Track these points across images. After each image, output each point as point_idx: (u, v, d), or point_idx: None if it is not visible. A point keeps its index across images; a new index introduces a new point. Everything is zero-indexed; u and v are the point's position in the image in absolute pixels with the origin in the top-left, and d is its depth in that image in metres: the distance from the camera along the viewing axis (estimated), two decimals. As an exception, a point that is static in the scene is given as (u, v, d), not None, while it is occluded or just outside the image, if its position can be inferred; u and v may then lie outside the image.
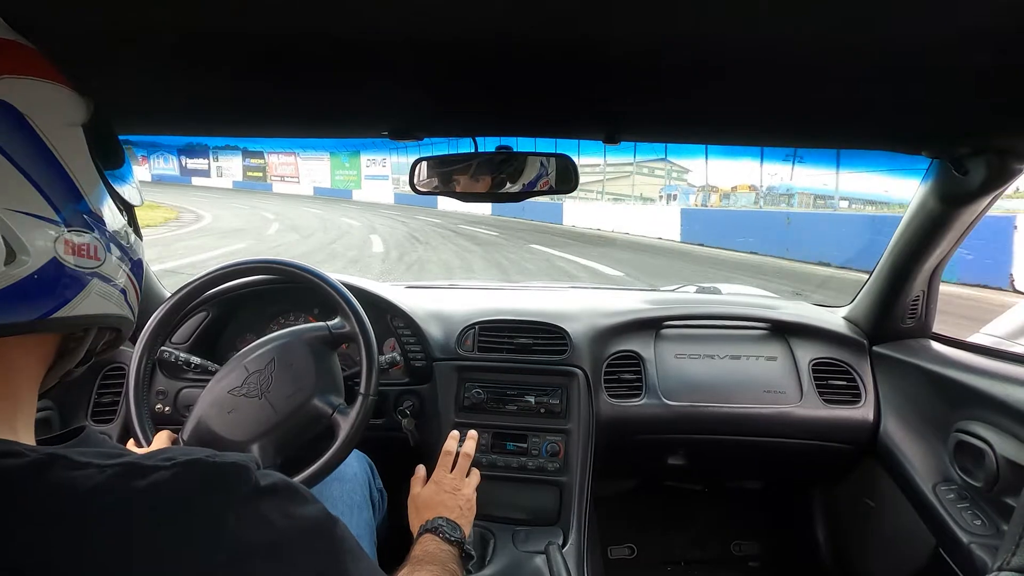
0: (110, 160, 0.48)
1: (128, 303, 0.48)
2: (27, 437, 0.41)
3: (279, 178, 33.96)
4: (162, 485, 0.37)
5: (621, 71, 0.65)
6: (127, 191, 0.50)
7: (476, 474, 1.00)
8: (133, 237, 0.50)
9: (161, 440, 0.93)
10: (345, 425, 0.94)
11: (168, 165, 35.65)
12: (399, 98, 0.82)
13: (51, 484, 0.35)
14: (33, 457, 0.36)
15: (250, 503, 0.40)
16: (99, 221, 0.44)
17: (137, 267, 0.50)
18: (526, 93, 0.76)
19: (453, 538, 0.84)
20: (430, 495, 0.93)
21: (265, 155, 34.70)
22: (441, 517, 0.87)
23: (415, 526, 0.89)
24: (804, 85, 0.68)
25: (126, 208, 0.50)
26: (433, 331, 1.37)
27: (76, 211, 0.42)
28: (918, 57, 0.55)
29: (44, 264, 0.39)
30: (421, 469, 0.99)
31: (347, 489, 1.07)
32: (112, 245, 0.45)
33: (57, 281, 0.40)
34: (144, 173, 36.50)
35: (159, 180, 34.56)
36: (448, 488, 0.94)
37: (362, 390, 0.97)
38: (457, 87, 0.75)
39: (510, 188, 1.03)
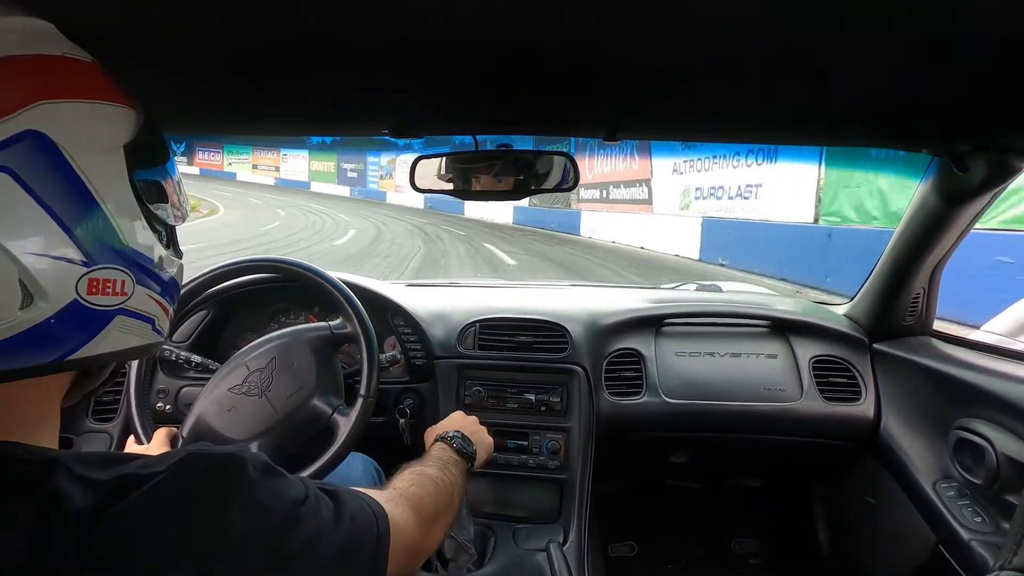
0: (156, 162, 0.46)
1: (157, 328, 0.46)
2: (51, 443, 0.42)
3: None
4: (160, 489, 0.37)
5: (622, 70, 0.65)
6: (166, 210, 0.47)
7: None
8: (168, 259, 0.47)
9: (160, 437, 0.93)
10: (344, 426, 0.94)
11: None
12: (399, 97, 0.82)
13: (48, 494, 0.35)
14: (34, 464, 0.36)
15: (249, 494, 0.41)
16: (131, 252, 0.42)
17: (170, 288, 0.48)
18: (526, 91, 0.76)
19: (465, 450, 0.84)
20: (452, 419, 0.95)
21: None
22: (457, 431, 0.88)
23: (429, 441, 0.88)
24: (805, 83, 0.68)
25: (164, 226, 0.48)
26: (434, 329, 1.37)
27: (105, 247, 0.40)
28: (919, 55, 0.55)
29: (63, 307, 0.37)
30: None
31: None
32: (143, 275, 0.43)
33: (76, 323, 0.38)
34: (416, 200, 21.30)
35: (431, 209, 21.28)
36: (471, 420, 0.96)
37: (362, 392, 0.97)
38: (457, 85, 0.75)
39: (510, 186, 1.03)
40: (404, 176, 26.00)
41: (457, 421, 0.94)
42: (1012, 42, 0.50)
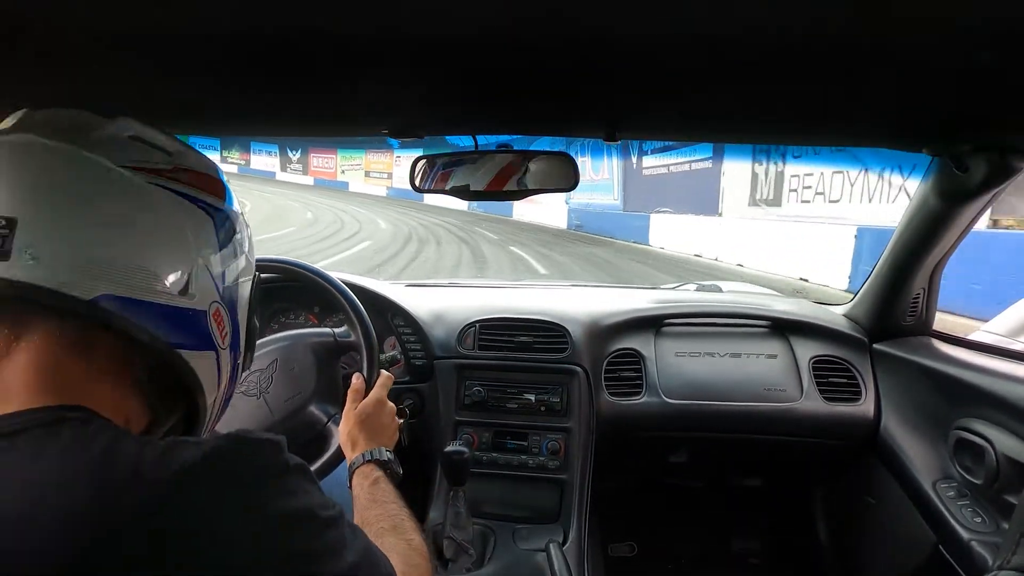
0: None
1: (221, 391, 0.51)
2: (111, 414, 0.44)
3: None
4: (205, 458, 0.39)
5: (622, 70, 0.65)
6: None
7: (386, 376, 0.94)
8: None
9: None
10: (338, 435, 0.94)
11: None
12: (399, 96, 0.82)
13: (125, 455, 0.37)
14: (113, 427, 0.40)
15: (283, 478, 0.43)
16: (234, 314, 0.52)
17: (237, 368, 0.54)
18: (526, 91, 0.76)
19: (399, 475, 0.81)
20: (376, 413, 0.86)
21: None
22: (388, 450, 0.82)
23: (355, 446, 0.83)
24: (805, 84, 0.68)
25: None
26: (434, 330, 1.37)
27: (225, 303, 0.50)
28: (919, 54, 0.55)
29: (199, 309, 0.46)
30: (359, 379, 0.92)
31: (346, 493, 1.07)
32: (237, 340, 0.52)
33: (197, 327, 0.46)
34: (553, 215, 15.09)
35: (579, 229, 14.35)
36: (389, 413, 0.89)
37: None
38: (457, 85, 0.75)
39: (511, 187, 1.03)
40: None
41: (358, 419, 0.85)
42: (1012, 42, 0.50)
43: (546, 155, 1.02)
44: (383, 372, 0.96)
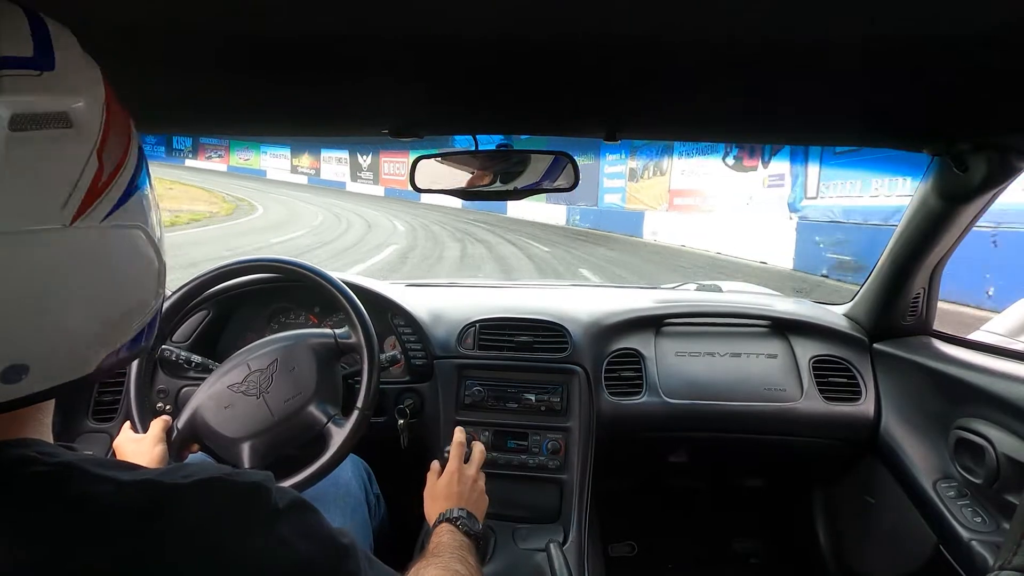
0: None
1: None
2: (47, 434, 0.42)
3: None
4: (181, 509, 0.37)
5: (622, 70, 0.65)
6: None
7: (482, 474, 0.99)
8: None
9: (156, 428, 0.93)
10: (338, 436, 0.95)
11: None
12: (399, 96, 0.82)
13: (70, 498, 0.35)
14: (52, 467, 0.36)
15: (271, 525, 0.40)
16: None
17: None
18: (526, 91, 0.76)
19: (472, 531, 0.83)
20: (447, 485, 0.91)
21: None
22: (460, 508, 0.86)
23: (432, 515, 0.87)
24: (806, 83, 0.68)
25: None
26: (434, 329, 1.37)
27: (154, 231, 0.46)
28: (919, 55, 0.55)
29: (161, 300, 0.45)
30: (436, 464, 0.98)
31: (342, 493, 1.07)
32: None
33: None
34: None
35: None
36: (466, 478, 0.93)
37: (359, 404, 0.98)
38: (457, 85, 0.75)
39: (510, 186, 1.03)
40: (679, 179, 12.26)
41: (455, 487, 0.91)
42: (1011, 41, 0.50)
43: (546, 154, 1.03)
44: (476, 446, 0.99)
